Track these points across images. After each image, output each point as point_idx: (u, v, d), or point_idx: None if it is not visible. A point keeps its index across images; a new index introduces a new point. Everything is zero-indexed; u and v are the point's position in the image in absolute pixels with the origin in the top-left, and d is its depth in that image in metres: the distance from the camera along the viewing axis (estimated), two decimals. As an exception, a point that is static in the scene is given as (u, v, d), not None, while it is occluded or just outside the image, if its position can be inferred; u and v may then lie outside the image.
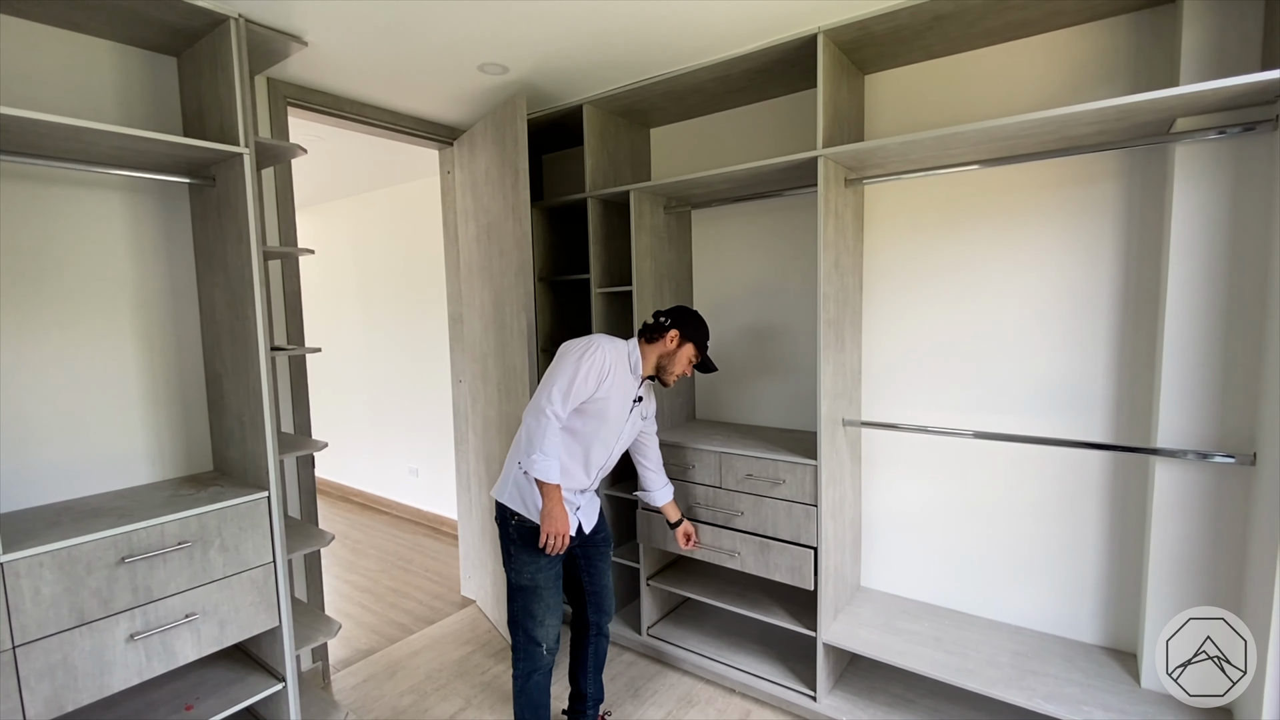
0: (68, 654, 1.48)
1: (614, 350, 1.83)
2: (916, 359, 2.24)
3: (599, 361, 1.77)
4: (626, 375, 1.87)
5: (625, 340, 1.93)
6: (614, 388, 1.82)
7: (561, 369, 1.76)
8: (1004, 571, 2.14)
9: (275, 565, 1.86)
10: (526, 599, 1.83)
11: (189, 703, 1.82)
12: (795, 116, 2.43)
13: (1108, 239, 1.89)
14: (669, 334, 1.90)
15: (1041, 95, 1.94)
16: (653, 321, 1.93)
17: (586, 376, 1.75)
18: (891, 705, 2.12)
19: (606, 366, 1.79)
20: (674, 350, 1.91)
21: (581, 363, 1.75)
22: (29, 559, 1.42)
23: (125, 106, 1.90)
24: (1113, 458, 1.93)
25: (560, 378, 1.74)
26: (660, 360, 1.92)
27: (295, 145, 2.04)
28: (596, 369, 1.77)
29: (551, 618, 1.85)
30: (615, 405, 1.85)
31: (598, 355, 1.77)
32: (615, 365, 1.82)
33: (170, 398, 2.02)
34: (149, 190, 1.95)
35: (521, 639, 1.86)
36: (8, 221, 1.70)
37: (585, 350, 1.77)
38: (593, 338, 1.82)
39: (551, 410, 1.72)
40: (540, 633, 1.83)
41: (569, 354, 1.78)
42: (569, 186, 3.19)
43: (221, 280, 1.91)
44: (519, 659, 1.87)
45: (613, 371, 1.80)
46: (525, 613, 1.84)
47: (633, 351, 1.91)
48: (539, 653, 1.85)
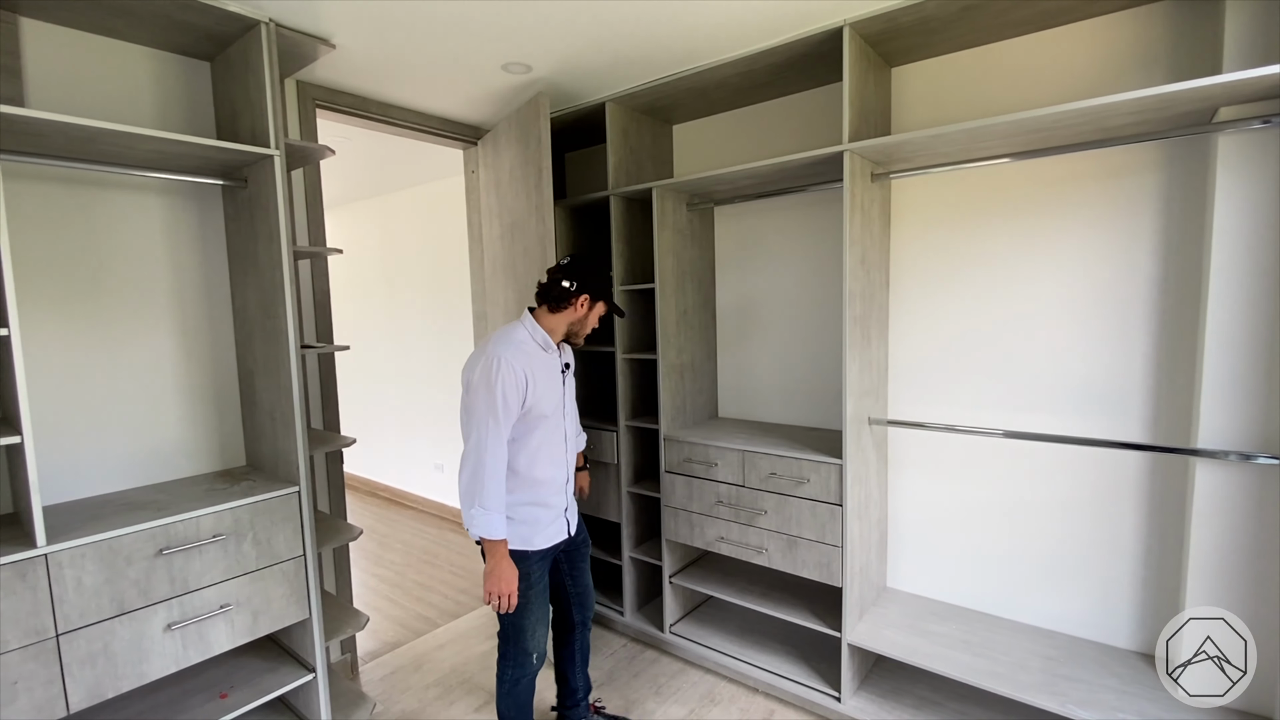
0: (108, 642, 1.53)
1: (515, 349, 1.70)
2: (945, 356, 2.20)
3: (509, 375, 1.64)
4: (542, 358, 1.77)
5: (519, 323, 1.79)
6: (537, 382, 1.71)
7: (476, 407, 1.64)
8: (1034, 573, 2.09)
9: (305, 558, 1.90)
10: (518, 614, 1.80)
11: (224, 691, 1.87)
12: (820, 111, 2.40)
13: (1145, 232, 1.83)
14: (579, 299, 1.79)
15: (1074, 86, 1.89)
16: (556, 288, 1.78)
17: (507, 397, 1.63)
18: (918, 707, 2.09)
19: (520, 372, 1.66)
20: (585, 314, 1.83)
21: (495, 389, 1.62)
22: (72, 550, 1.47)
23: (162, 111, 1.95)
24: (1150, 458, 1.88)
25: (482, 418, 1.63)
26: (571, 326, 1.84)
27: (324, 146, 2.08)
28: (513, 383, 1.65)
29: (541, 627, 1.85)
30: (548, 394, 1.76)
31: (504, 370, 1.63)
32: (526, 361, 1.70)
33: (205, 394, 2.07)
34: (184, 192, 2.00)
35: (512, 649, 1.84)
36: (55, 224, 1.76)
37: (489, 372, 1.63)
38: (487, 352, 1.67)
39: (490, 456, 1.62)
40: (531, 643, 1.83)
41: (476, 386, 1.65)
42: (591, 185, 3.20)
43: (253, 279, 1.96)
44: (509, 665, 1.85)
45: (528, 370, 1.69)
46: (515, 627, 1.81)
47: (534, 331, 1.78)
48: (529, 660, 1.84)
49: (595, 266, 1.83)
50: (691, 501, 2.42)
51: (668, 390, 2.52)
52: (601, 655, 2.62)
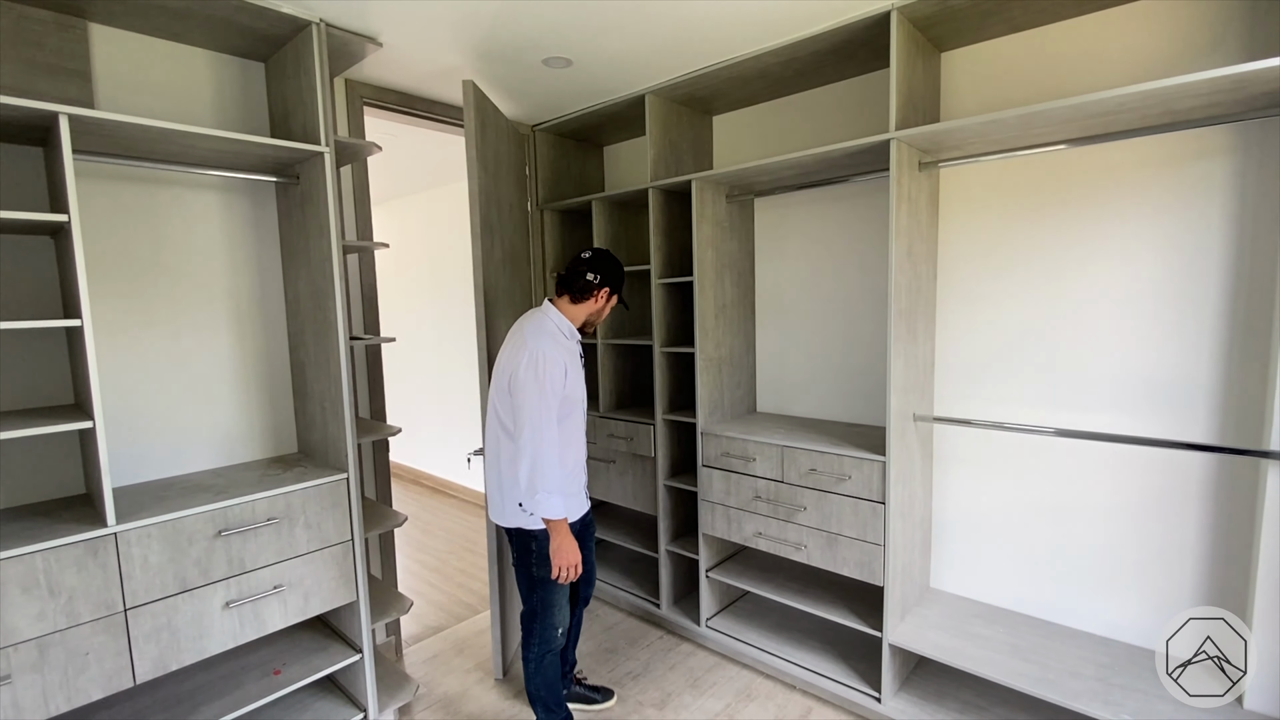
0: (171, 618, 1.62)
1: (551, 341, 1.81)
2: (994, 352, 2.13)
3: (554, 368, 1.75)
4: (570, 347, 1.89)
5: (545, 315, 1.89)
6: (571, 371, 1.83)
7: (529, 401, 1.73)
8: (1089, 578, 2.01)
9: (353, 543, 1.97)
10: (547, 592, 1.92)
11: (277, 668, 1.96)
12: (866, 98, 2.34)
13: (1216, 221, 1.73)
14: (600, 291, 1.90)
15: (1136, 68, 1.79)
16: (580, 280, 1.88)
17: (555, 385, 1.75)
18: (961, 711, 2.03)
19: (560, 363, 1.77)
20: (603, 305, 1.94)
21: (544, 383, 1.73)
22: (139, 530, 1.56)
23: (220, 111, 2.03)
24: (1216, 460, 1.78)
25: (537, 411, 1.72)
26: (589, 316, 1.95)
27: (371, 143, 2.13)
28: (558, 375, 1.76)
29: (565, 604, 1.99)
30: (579, 381, 1.90)
31: (549, 364, 1.74)
32: (562, 352, 1.80)
33: (259, 384, 2.15)
34: (241, 189, 2.08)
35: (539, 625, 1.95)
36: (122, 220, 1.86)
37: (536, 367, 1.74)
38: (528, 346, 1.77)
39: (547, 444, 1.72)
40: (559, 617, 1.96)
41: (525, 383, 1.74)
42: (630, 178, 3.20)
43: (305, 273, 2.02)
44: (535, 642, 1.96)
45: (566, 361, 1.80)
46: (545, 604, 1.93)
47: (560, 323, 1.89)
48: (554, 635, 1.96)
49: (617, 264, 1.95)
50: (729, 496, 2.41)
51: (705, 384, 2.51)
52: (638, 647, 2.63)
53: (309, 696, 2.13)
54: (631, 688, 2.36)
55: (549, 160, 3.09)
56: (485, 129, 2.30)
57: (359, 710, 2.07)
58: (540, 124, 3.01)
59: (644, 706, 2.25)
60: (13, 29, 1.63)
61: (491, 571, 2.38)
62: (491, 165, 2.35)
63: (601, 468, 2.95)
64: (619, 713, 2.22)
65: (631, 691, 2.34)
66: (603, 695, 2.28)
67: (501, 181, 2.52)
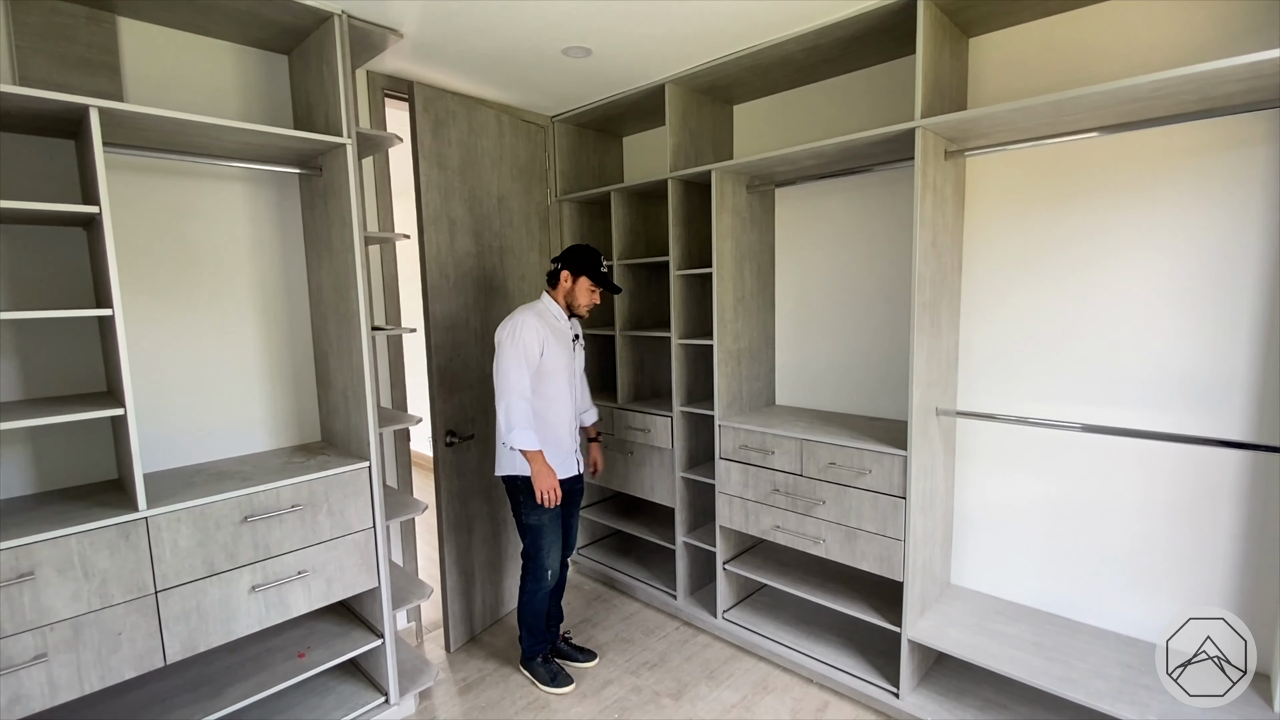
0: (200, 600, 1.66)
1: (535, 315, 2.14)
2: (1020, 345, 2.08)
3: (528, 331, 2.09)
4: (556, 325, 2.20)
5: (537, 301, 2.23)
6: (550, 343, 2.15)
7: (504, 356, 2.07)
8: (1115, 577, 1.97)
9: (375, 530, 2.00)
10: (535, 535, 2.22)
11: (301, 651, 2.00)
12: (890, 86, 2.29)
13: (1255, 211, 1.67)
14: (561, 275, 2.20)
15: (1169, 53, 1.73)
16: (549, 273, 2.23)
17: (529, 348, 2.08)
18: (982, 709, 2.01)
19: (535, 329, 2.10)
20: (571, 287, 2.20)
21: (517, 342, 2.07)
22: (169, 515, 1.60)
23: (245, 103, 2.05)
24: (1251, 459, 1.73)
25: (510, 364, 2.05)
26: (566, 299, 2.22)
27: (393, 135, 2.14)
28: (531, 337, 2.09)
29: (555, 548, 2.26)
30: (559, 354, 2.19)
31: (525, 328, 2.09)
32: (542, 325, 2.13)
33: (284, 373, 2.19)
34: (265, 181, 2.10)
35: (532, 566, 2.27)
36: (151, 212, 1.89)
37: (514, 330, 2.08)
38: (514, 315, 2.13)
39: (516, 388, 2.04)
40: (548, 560, 2.25)
41: (503, 342, 2.09)
42: (650, 169, 3.18)
43: (327, 264, 2.05)
44: (529, 580, 2.28)
45: (541, 331, 2.12)
46: (535, 546, 2.24)
47: (549, 305, 2.22)
48: (545, 575, 2.26)
49: (580, 250, 2.21)
50: (747, 489, 2.40)
51: (723, 376, 2.50)
52: (655, 637, 2.64)
53: (332, 680, 2.17)
54: (648, 677, 2.37)
55: (568, 151, 3.08)
56: (445, 125, 2.45)
57: (380, 694, 2.11)
58: (559, 115, 3.01)
59: (660, 697, 2.26)
60: (44, 23, 1.67)
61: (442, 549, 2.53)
62: (457, 160, 2.49)
63: (619, 459, 2.95)
64: (635, 701, 2.23)
65: (648, 681, 2.35)
66: (584, 656, 2.47)
67: (484, 174, 2.60)
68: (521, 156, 2.79)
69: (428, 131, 2.36)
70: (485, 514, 2.70)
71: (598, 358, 3.27)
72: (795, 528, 2.26)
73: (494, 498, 2.72)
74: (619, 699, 2.26)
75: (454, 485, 2.55)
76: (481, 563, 2.70)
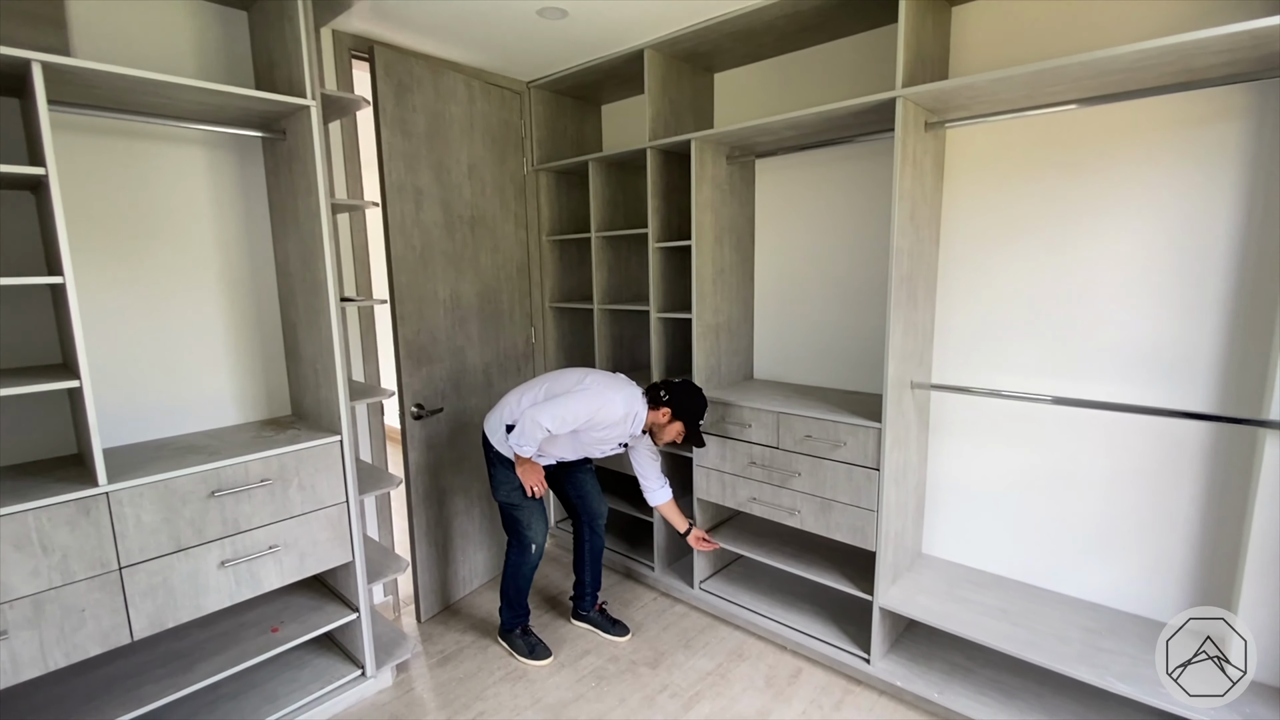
0: (167, 576, 1.63)
1: (623, 415, 2.09)
2: (996, 319, 2.10)
3: (602, 417, 2.06)
4: (621, 428, 2.13)
5: (638, 398, 2.13)
6: (604, 430, 2.11)
7: (569, 404, 2.02)
8: (1080, 545, 2.02)
9: (348, 504, 1.97)
10: (511, 510, 2.25)
11: (275, 625, 1.98)
12: (871, 56, 2.26)
13: (1228, 186, 1.68)
14: (663, 409, 2.13)
15: (1154, 25, 1.72)
16: (656, 393, 2.15)
17: (578, 418, 2.03)
18: (948, 673, 2.07)
19: (602, 419, 2.07)
20: (665, 424, 2.15)
21: (584, 408, 2.03)
22: (131, 490, 1.55)
23: (202, 62, 1.95)
24: (1213, 430, 1.77)
25: (564, 410, 2.01)
26: (652, 426, 2.18)
27: (359, 97, 2.06)
28: (590, 417, 2.05)
29: (537, 522, 2.27)
30: (600, 441, 2.17)
31: (605, 414, 2.06)
32: (614, 420, 2.08)
33: (251, 345, 2.13)
34: (226, 145, 2.02)
35: (515, 539, 2.30)
36: (104, 175, 1.81)
37: (598, 406, 2.04)
38: (614, 389, 2.08)
39: (544, 430, 2.00)
40: (529, 535, 2.26)
41: (585, 396, 2.05)
42: (628, 138, 3.12)
43: (293, 232, 1.98)
44: (513, 551, 2.31)
45: (608, 423, 2.08)
46: (513, 521, 2.27)
47: (640, 412, 2.13)
48: (529, 550, 2.28)
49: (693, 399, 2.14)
50: (724, 462, 2.41)
51: (702, 350, 2.49)
52: (632, 608, 2.67)
53: (307, 654, 2.16)
54: (625, 647, 2.40)
55: (544, 119, 3.01)
56: (409, 90, 2.37)
57: (357, 667, 2.11)
58: (535, 81, 2.92)
59: (637, 665, 2.29)
60: (-19, -29, 1.55)
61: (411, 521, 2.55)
62: (422, 127, 2.42)
63: (598, 433, 2.94)
64: (613, 671, 2.26)
65: (625, 650, 2.38)
66: (617, 630, 2.47)
67: (452, 142, 2.53)
68: (494, 124, 2.72)
69: (390, 97, 2.29)
70: (458, 487, 2.69)
71: (576, 332, 3.24)
72: (771, 499, 2.28)
73: (466, 470, 2.70)
74: (596, 668, 2.28)
75: (424, 459, 2.53)
76: (455, 535, 2.70)
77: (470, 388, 2.70)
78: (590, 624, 2.51)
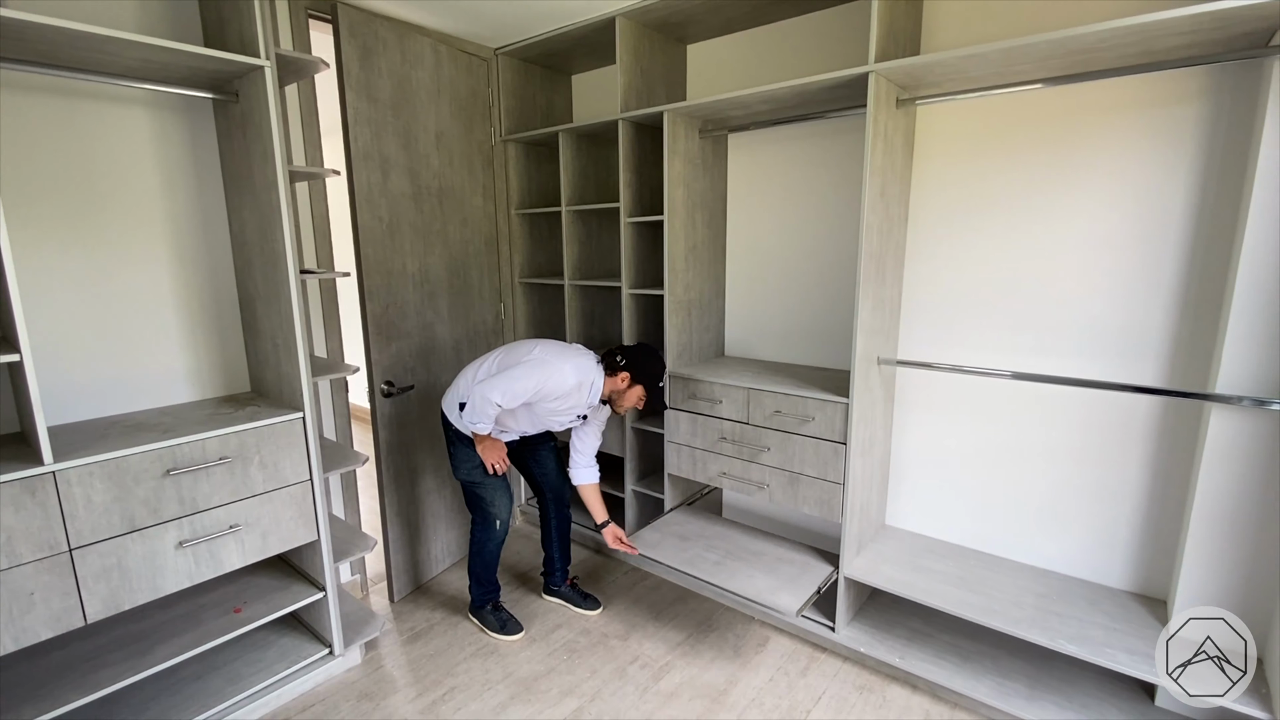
0: (121, 558, 1.57)
1: (576, 384, 2.03)
2: (962, 296, 2.14)
3: (554, 388, 2.00)
4: (576, 397, 2.07)
5: (591, 366, 2.09)
6: (556, 400, 2.04)
7: (516, 375, 1.96)
8: (1036, 515, 2.10)
9: (313, 483, 1.93)
10: (473, 488, 2.23)
11: (238, 606, 1.94)
12: (845, 31, 2.24)
13: (1184, 167, 1.73)
14: (620, 374, 2.09)
15: (1121, 6, 1.74)
16: (613, 359, 2.10)
17: (526, 390, 1.97)
18: (909, 639, 2.15)
19: (553, 389, 2.00)
20: (624, 389, 2.10)
21: (537, 385, 1.97)
22: (80, 468, 1.49)
23: (145, 16, 1.84)
24: (1163, 403, 1.84)
25: (511, 384, 1.95)
26: (611, 394, 2.13)
27: (318, 59, 1.96)
28: (538, 388, 1.98)
29: (501, 499, 2.25)
30: (555, 412, 2.11)
31: (554, 383, 1.99)
32: (566, 389, 2.02)
33: (206, 319, 2.05)
34: (174, 106, 1.91)
35: (479, 516, 2.28)
36: (38, 135, 1.69)
37: (547, 374, 1.98)
38: (562, 359, 2.03)
39: (495, 405, 1.95)
40: (494, 511, 2.25)
41: (527, 366, 1.99)
42: (600, 109, 3.06)
43: (250, 202, 1.90)
44: (479, 528, 2.29)
45: (559, 393, 2.02)
46: (476, 499, 2.25)
47: (595, 380, 2.09)
48: (494, 526, 2.27)
49: (650, 361, 2.11)
50: (695, 438, 2.43)
51: (674, 327, 2.48)
52: (604, 582, 2.69)
53: (273, 634, 2.13)
54: (596, 620, 2.42)
55: (513, 88, 2.92)
56: (375, 53, 2.27)
57: (324, 646, 2.09)
58: (503, 47, 2.83)
59: (609, 638, 2.32)
60: (-110, -93, 1.42)
61: (382, 500, 2.52)
62: (389, 93, 2.33)
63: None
64: (584, 644, 2.28)
65: (596, 624, 2.40)
66: (588, 604, 2.49)
67: (419, 109, 2.45)
68: (462, 91, 2.63)
69: (355, 59, 2.19)
70: (429, 466, 2.66)
71: (546, 308, 3.20)
72: (741, 474, 2.31)
73: (437, 449, 2.67)
74: (568, 641, 2.30)
75: (394, 437, 2.49)
76: (426, 514, 2.67)
77: (441, 365, 2.65)
78: (561, 598, 2.52)
